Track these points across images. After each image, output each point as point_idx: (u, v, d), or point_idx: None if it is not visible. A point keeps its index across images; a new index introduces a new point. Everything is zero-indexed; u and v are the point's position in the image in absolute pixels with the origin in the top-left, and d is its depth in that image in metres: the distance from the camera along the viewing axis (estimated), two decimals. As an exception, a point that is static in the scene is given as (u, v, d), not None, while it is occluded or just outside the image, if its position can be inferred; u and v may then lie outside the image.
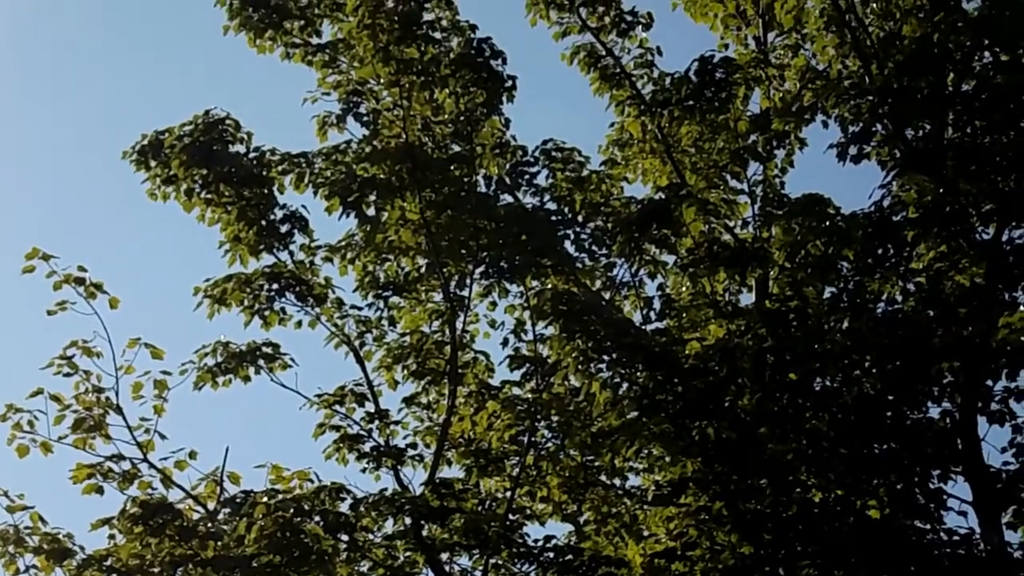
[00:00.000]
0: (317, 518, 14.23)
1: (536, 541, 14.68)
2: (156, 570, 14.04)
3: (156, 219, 29.13)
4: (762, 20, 17.39)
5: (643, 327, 15.54)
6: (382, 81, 16.01)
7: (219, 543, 14.07)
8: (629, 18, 17.12)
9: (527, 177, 16.50)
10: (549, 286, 15.65)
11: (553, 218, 16.16)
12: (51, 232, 27.12)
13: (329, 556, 14.10)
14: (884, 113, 14.89)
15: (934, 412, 14.38)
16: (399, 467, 15.24)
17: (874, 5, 16.30)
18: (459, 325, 15.88)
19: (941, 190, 14.66)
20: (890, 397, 14.27)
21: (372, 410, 15.56)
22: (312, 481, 14.65)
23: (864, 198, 15.05)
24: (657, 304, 15.73)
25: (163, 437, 14.73)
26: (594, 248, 16.08)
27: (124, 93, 29.99)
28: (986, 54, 15.08)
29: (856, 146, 14.85)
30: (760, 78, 16.64)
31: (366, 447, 15.30)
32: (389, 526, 14.64)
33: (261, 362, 15.43)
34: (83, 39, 30.31)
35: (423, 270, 16.09)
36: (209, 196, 15.79)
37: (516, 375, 15.53)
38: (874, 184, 14.96)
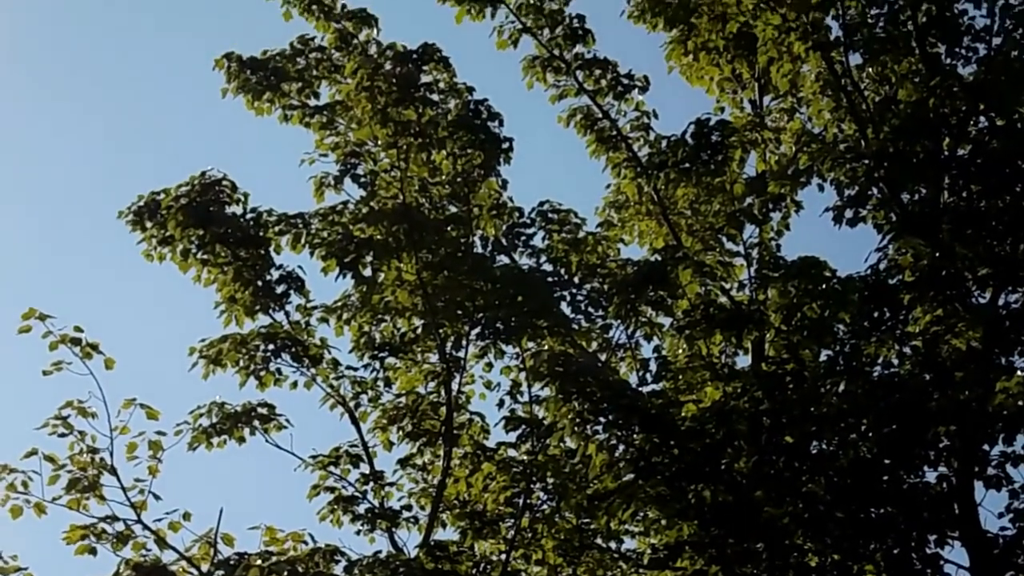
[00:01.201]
0: (311, 581, 14.17)
1: (531, 604, 14.63)
2: (149, 632, 13.96)
3: (152, 279, 29.11)
4: (758, 84, 17.50)
5: (639, 389, 15.51)
6: (380, 143, 16.07)
7: (213, 605, 14.00)
8: (625, 81, 17.23)
9: (523, 238, 16.55)
10: (545, 347, 15.65)
11: (549, 279, 16.18)
12: (48, 292, 27.07)
13: (323, 619, 14.03)
14: (880, 177, 14.94)
15: (931, 476, 14.37)
16: (394, 529, 15.19)
17: (869, 70, 16.38)
18: (455, 386, 15.86)
19: (937, 254, 14.67)
20: (887, 461, 14.24)
21: (367, 471, 15.53)
22: (306, 543, 14.56)
23: (860, 261, 15.08)
24: (653, 366, 15.72)
25: (157, 498, 14.66)
26: (590, 310, 16.10)
27: (121, 153, 30.08)
28: (981, 119, 15.16)
29: (852, 209, 14.89)
30: (756, 141, 16.72)
31: (361, 509, 15.27)
32: (383, 589, 14.55)
33: (256, 423, 15.39)
34: (81, 98, 30.41)
35: (419, 331, 16.07)
36: (205, 257, 15.79)
37: (512, 437, 15.51)
38: (870, 247, 15.02)
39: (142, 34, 30.57)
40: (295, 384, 15.82)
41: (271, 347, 15.61)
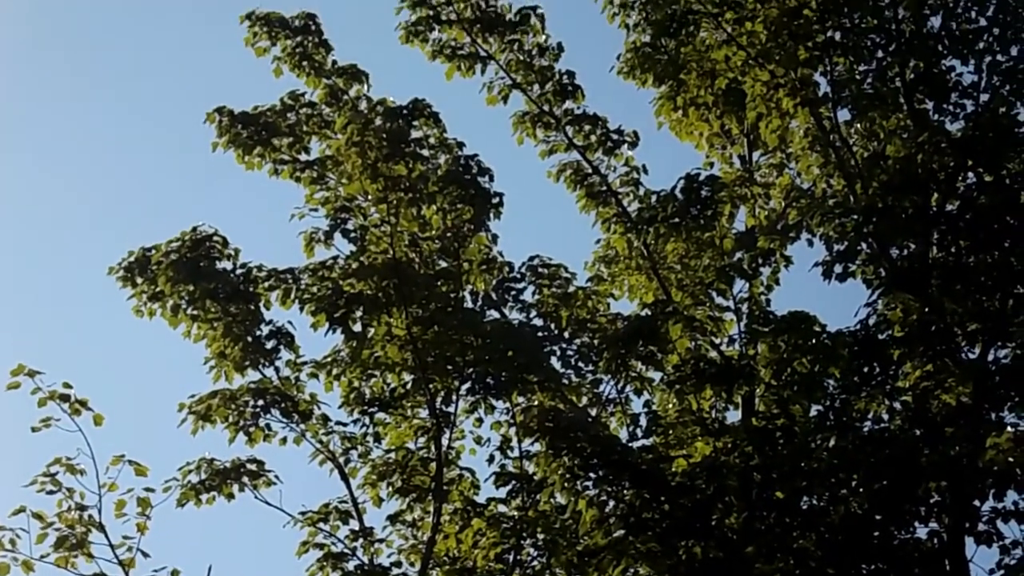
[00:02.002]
0: (300, 638, 14.12)
1: (521, 662, 14.55)
2: None
3: (141, 335, 29.09)
4: (747, 139, 17.59)
5: (629, 444, 15.48)
6: (370, 197, 16.10)
7: (201, 664, 13.92)
8: (615, 136, 17.30)
9: (513, 293, 16.55)
10: (535, 402, 15.62)
11: (539, 334, 16.17)
12: (36, 348, 27.04)
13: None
14: (869, 232, 14.98)
15: (921, 532, 14.37)
16: (384, 586, 15.13)
17: (858, 125, 16.49)
18: (445, 441, 15.82)
19: (926, 309, 14.70)
20: (877, 517, 14.22)
21: (356, 528, 15.49)
22: (296, 600, 14.55)
23: (849, 316, 15.11)
24: (643, 421, 15.67)
25: (146, 555, 14.55)
26: (580, 364, 16.09)
27: (109, 209, 30.11)
28: (970, 175, 15.23)
29: (841, 264, 14.93)
30: (745, 196, 16.78)
31: (350, 566, 15.20)
32: (373, 646, 14.51)
33: (245, 479, 15.35)
34: (72, 153, 30.47)
35: (409, 386, 16.03)
36: (195, 312, 15.81)
37: (502, 492, 15.46)
38: (859, 303, 15.05)
39: (132, 88, 30.66)
40: (284, 440, 15.81)
41: (260, 403, 15.59)
